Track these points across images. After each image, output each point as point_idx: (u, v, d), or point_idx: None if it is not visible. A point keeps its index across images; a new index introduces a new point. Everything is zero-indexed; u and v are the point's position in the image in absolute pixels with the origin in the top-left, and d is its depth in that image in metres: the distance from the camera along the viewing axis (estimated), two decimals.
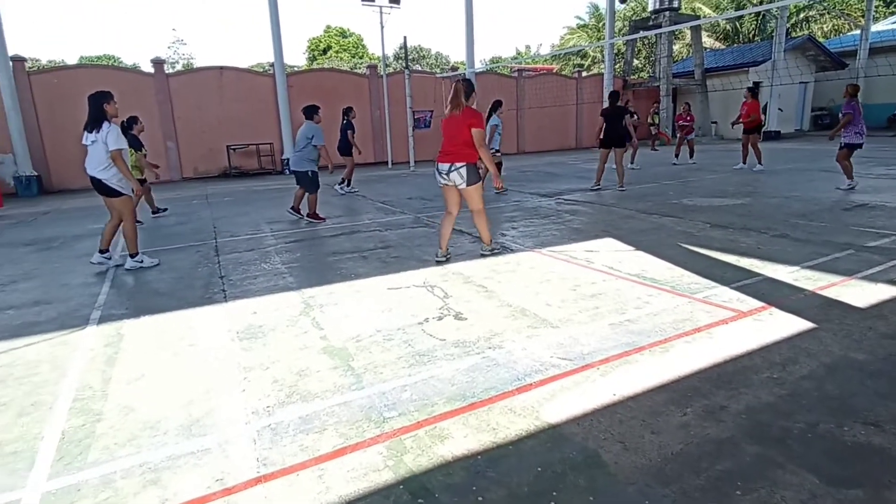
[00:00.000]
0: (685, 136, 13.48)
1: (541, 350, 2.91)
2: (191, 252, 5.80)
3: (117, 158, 4.68)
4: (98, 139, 4.67)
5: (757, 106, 11.01)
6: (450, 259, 4.90)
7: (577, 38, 34.51)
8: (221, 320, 3.63)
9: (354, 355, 2.95)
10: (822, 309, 3.33)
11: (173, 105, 15.55)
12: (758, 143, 10.97)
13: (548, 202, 8.19)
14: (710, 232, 5.60)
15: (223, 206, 9.44)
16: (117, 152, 4.67)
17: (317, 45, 41.14)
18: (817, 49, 23.38)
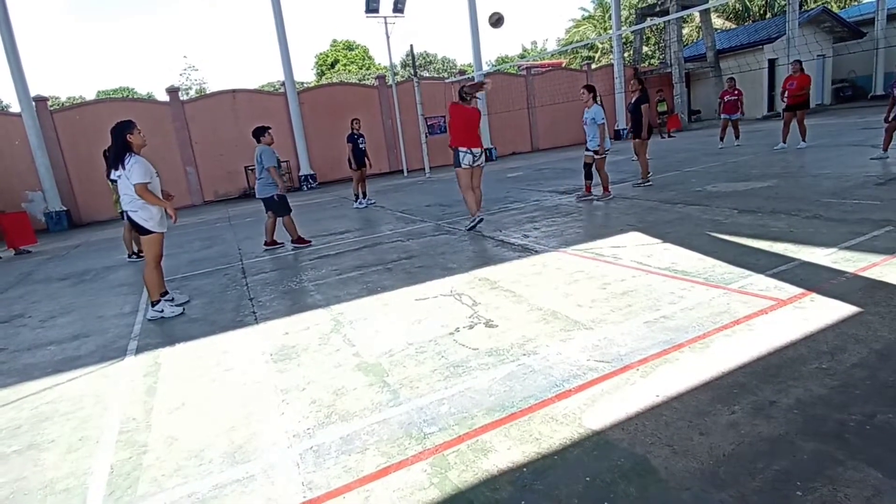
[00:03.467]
0: (730, 115, 12.59)
1: (576, 353, 2.86)
2: (219, 276, 5.89)
3: (143, 192, 4.35)
4: (123, 174, 4.42)
5: (808, 80, 10.50)
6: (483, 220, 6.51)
7: (584, 30, 34.24)
8: (255, 343, 3.66)
9: (389, 371, 2.95)
10: (866, 291, 3.21)
11: (190, 131, 15.89)
12: (804, 119, 10.46)
13: (568, 199, 8.11)
14: (738, 218, 5.47)
15: (246, 227, 9.57)
16: (142, 186, 4.34)
17: (324, 60, 41.59)
18: (833, 20, 22.75)
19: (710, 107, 23.03)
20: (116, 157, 4.44)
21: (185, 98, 18.11)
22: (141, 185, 4.35)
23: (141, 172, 4.35)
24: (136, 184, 4.33)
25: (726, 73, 21.65)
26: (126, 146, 4.44)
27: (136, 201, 4.43)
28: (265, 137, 6.62)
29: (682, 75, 21.52)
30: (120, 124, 4.48)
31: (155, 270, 4.63)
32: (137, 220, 4.50)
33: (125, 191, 4.47)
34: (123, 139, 4.43)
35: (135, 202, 4.45)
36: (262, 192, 6.63)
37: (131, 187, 4.38)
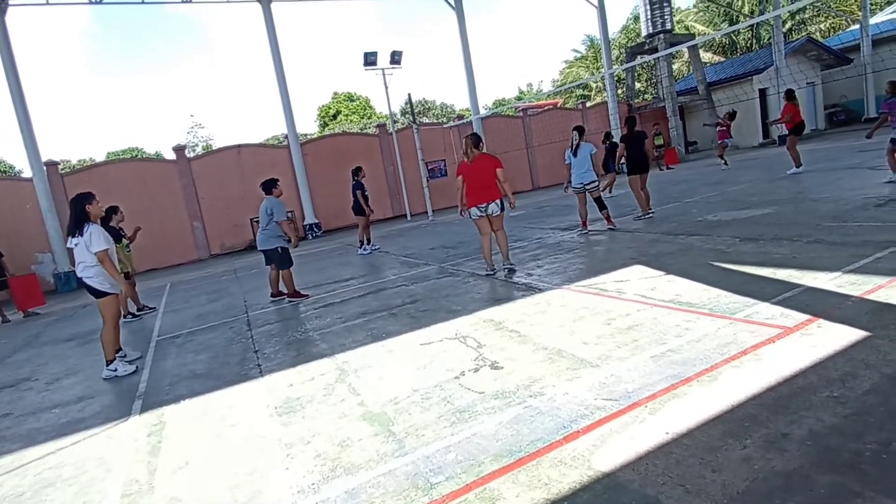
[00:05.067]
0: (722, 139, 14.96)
1: (583, 393, 2.82)
2: (224, 329, 5.90)
3: (104, 259, 4.54)
4: (80, 242, 4.59)
5: (788, 108, 10.91)
6: (496, 272, 6.12)
7: (577, 71, 35.21)
8: (259, 396, 3.63)
9: (394, 419, 2.91)
10: (873, 315, 3.17)
11: (196, 187, 16.24)
12: (794, 145, 10.72)
13: (570, 235, 8.15)
14: (740, 246, 5.46)
15: (252, 279, 9.64)
16: (103, 253, 4.53)
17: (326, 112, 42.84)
18: (819, 48, 23.34)
19: (705, 138, 23.39)
20: (75, 225, 4.66)
21: (192, 155, 18.59)
22: (102, 252, 4.57)
23: (101, 240, 4.59)
24: (97, 251, 4.54)
25: (719, 104, 22.12)
26: (85, 215, 4.68)
27: (91, 267, 4.62)
28: (276, 189, 6.68)
29: (675, 109, 21.95)
30: (79, 195, 4.76)
31: (113, 330, 4.80)
32: (94, 284, 4.68)
33: (81, 258, 4.66)
34: (82, 208, 4.68)
35: (89, 269, 4.63)
36: (265, 244, 6.62)
37: (88, 254, 4.59)
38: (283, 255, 6.62)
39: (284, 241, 6.59)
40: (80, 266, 4.68)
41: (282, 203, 6.65)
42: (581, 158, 7.75)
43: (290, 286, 6.76)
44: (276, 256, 6.63)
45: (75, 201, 4.70)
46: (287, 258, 6.69)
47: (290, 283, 6.76)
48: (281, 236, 6.56)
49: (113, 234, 7.27)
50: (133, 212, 13.90)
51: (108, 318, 4.76)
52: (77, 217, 4.67)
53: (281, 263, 6.68)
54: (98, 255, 4.55)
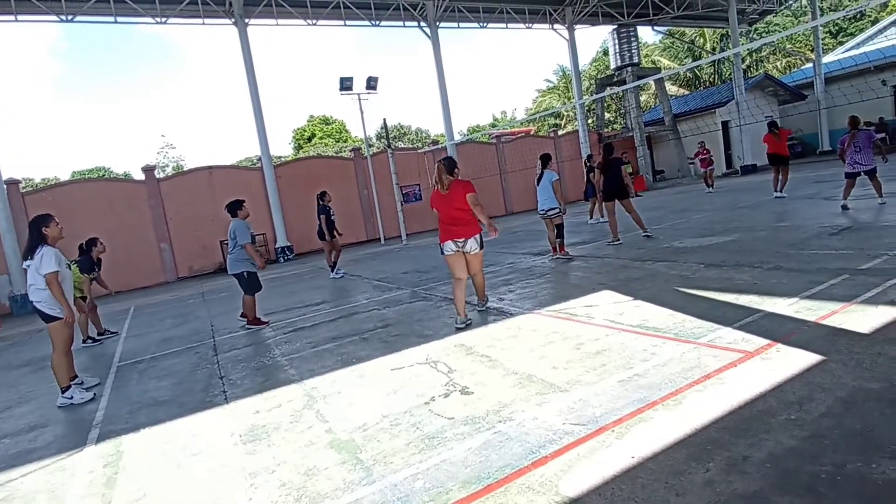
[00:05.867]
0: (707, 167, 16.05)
1: (552, 417, 2.83)
2: (189, 354, 5.73)
3: (52, 282, 4.41)
4: (32, 264, 4.49)
5: (769, 138, 11.60)
6: (470, 324, 5.01)
7: (550, 99, 36.19)
8: (224, 424, 3.53)
9: (362, 446, 2.86)
10: (828, 339, 3.29)
11: (165, 208, 15.94)
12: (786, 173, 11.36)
13: (541, 260, 8.25)
14: (704, 272, 5.63)
15: (220, 303, 9.43)
16: (52, 275, 4.41)
17: (301, 135, 42.81)
18: (775, 85, 24.64)
19: (672, 167, 24.20)
20: (30, 248, 4.55)
21: (162, 176, 18.29)
22: (51, 274, 4.44)
23: (52, 262, 4.46)
24: (45, 273, 4.41)
25: (684, 135, 22.98)
26: (41, 238, 4.57)
27: (41, 291, 4.48)
28: (241, 211, 6.50)
29: (643, 138, 22.72)
30: (37, 217, 4.68)
31: (64, 357, 4.63)
32: (44, 308, 4.53)
33: (32, 280, 4.53)
34: (38, 231, 4.58)
35: (39, 292, 4.49)
36: (234, 268, 6.45)
37: (38, 277, 4.46)
38: (248, 279, 6.43)
39: (251, 266, 6.41)
40: (31, 289, 4.55)
41: (247, 225, 6.45)
42: (542, 186, 7.87)
43: (250, 312, 6.55)
44: (243, 281, 6.43)
45: (33, 223, 4.60)
46: (253, 283, 6.47)
47: (252, 309, 6.55)
48: (247, 260, 6.38)
49: (86, 265, 7.10)
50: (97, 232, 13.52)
51: (58, 343, 4.58)
52: (33, 240, 4.55)
53: (246, 288, 6.47)
54: (46, 278, 4.42)
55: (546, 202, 7.87)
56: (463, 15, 19.91)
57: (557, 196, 7.74)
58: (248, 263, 6.40)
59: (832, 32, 41.82)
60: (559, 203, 7.76)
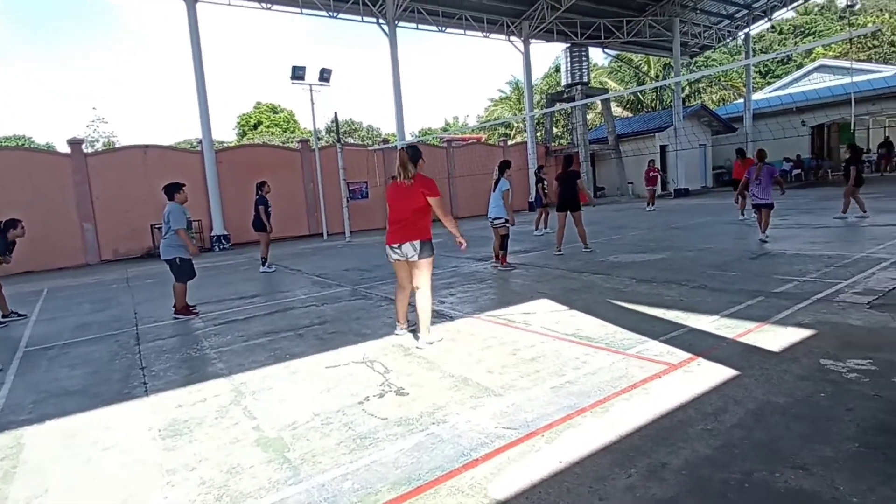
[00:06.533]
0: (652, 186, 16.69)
1: (485, 421, 2.87)
2: (108, 342, 5.37)
3: None
4: None
5: (738, 164, 11.92)
6: (406, 333, 4.64)
7: (501, 110, 36.80)
8: (142, 417, 3.33)
9: (290, 445, 2.78)
10: (743, 356, 3.53)
11: (91, 185, 14.89)
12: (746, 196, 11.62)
13: (483, 266, 8.36)
14: (636, 287, 5.89)
15: (146, 289, 8.91)
16: None
17: (247, 121, 41.27)
18: (710, 115, 26.30)
19: (612, 185, 25.24)
20: None
21: (90, 151, 17.09)
22: None
23: None
24: None
25: (625, 154, 24.04)
26: None
27: None
28: (179, 195, 6.19)
29: (587, 155, 23.54)
30: None
31: None
32: None
33: None
34: None
35: None
36: (166, 253, 6.12)
37: None
38: (181, 266, 6.13)
39: (184, 252, 6.12)
40: None
41: (183, 210, 6.13)
42: (495, 194, 7.95)
43: (179, 300, 6.24)
44: (175, 267, 6.13)
45: None
46: (185, 270, 6.17)
47: (182, 297, 6.24)
48: (181, 245, 6.09)
49: (2, 247, 6.50)
50: (11, 205, 12.44)
51: None
52: None
53: (177, 275, 6.17)
54: None
55: (494, 210, 7.94)
56: (422, 16, 19.92)
57: (506, 206, 7.77)
58: (181, 249, 6.10)
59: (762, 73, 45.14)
60: (506, 214, 7.79)
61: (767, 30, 47.43)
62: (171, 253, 6.10)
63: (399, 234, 4.27)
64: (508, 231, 7.95)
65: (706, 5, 24.54)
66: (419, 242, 4.24)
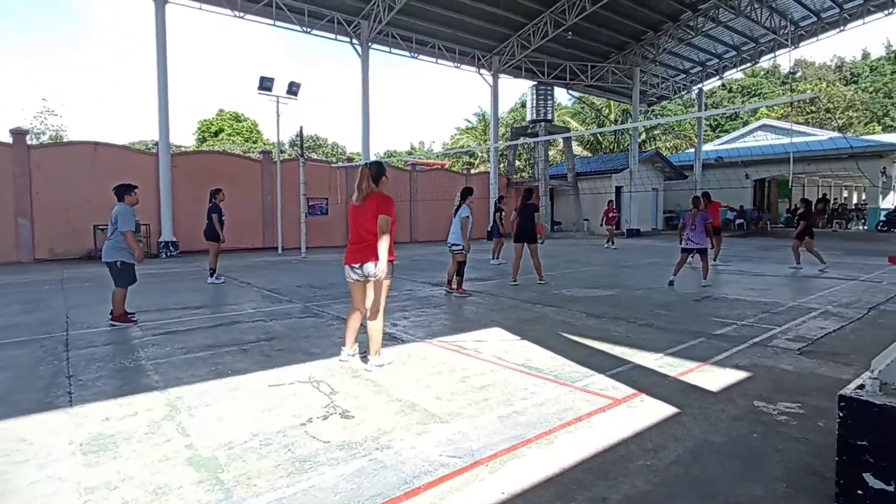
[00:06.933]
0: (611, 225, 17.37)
1: (430, 448, 2.83)
2: (33, 347, 5.02)
3: None
4: None
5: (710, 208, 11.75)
6: (355, 356, 4.47)
7: (467, 139, 37.48)
8: (63, 429, 3.10)
9: (225, 465, 2.65)
10: (683, 394, 3.64)
11: (32, 179, 14.08)
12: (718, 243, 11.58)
13: (439, 291, 8.35)
14: (586, 321, 6.02)
15: (82, 293, 8.42)
16: None
17: (208, 127, 40.34)
18: (663, 161, 27.64)
19: (569, 220, 25.96)
20: None
21: (35, 143, 16.22)
22: None
23: None
24: None
25: (583, 192, 24.85)
26: None
27: None
28: (129, 196, 5.96)
29: (547, 189, 24.20)
30: None
31: None
32: None
33: None
34: None
35: None
36: (108, 256, 5.84)
37: None
38: (121, 270, 5.86)
39: (128, 256, 5.87)
40: None
41: (132, 212, 5.90)
42: (455, 220, 8.02)
43: (117, 307, 5.93)
44: (115, 271, 5.85)
45: None
46: (125, 275, 5.90)
47: (120, 303, 5.93)
48: (125, 249, 5.84)
49: None
50: None
51: None
52: None
53: (117, 279, 5.88)
54: None
55: (453, 236, 7.99)
56: (396, 41, 20.21)
57: (463, 233, 7.84)
58: (124, 253, 5.84)
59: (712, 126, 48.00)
60: (464, 241, 7.83)
61: (719, 87, 50.75)
62: (113, 255, 5.83)
63: (360, 253, 4.15)
64: (465, 258, 8.00)
65: (665, 59, 26.03)
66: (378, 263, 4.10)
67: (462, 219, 7.86)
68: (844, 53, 67.24)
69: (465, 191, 8.13)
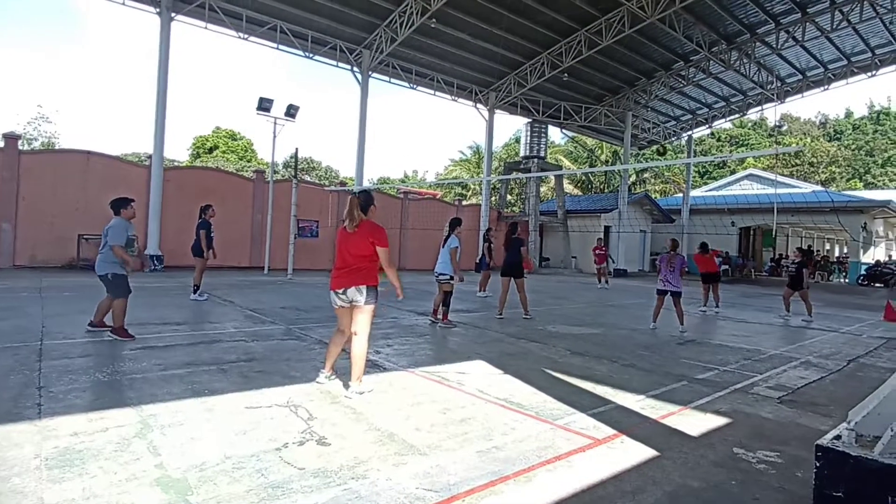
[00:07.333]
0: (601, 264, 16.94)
1: (407, 480, 2.77)
2: (4, 355, 4.88)
3: None
4: None
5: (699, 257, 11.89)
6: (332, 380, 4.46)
7: (460, 170, 37.94)
8: (29, 442, 3.00)
9: (195, 488, 2.57)
10: (664, 437, 3.63)
11: (20, 184, 13.94)
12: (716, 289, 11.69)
13: (424, 320, 8.31)
14: (570, 359, 6.01)
15: (60, 302, 8.25)
16: None
17: (203, 144, 40.42)
18: (652, 204, 28.15)
19: (557, 256, 26.15)
20: None
21: (26, 148, 16.12)
22: None
23: None
24: None
25: (572, 230, 25.12)
26: None
27: None
28: (126, 210, 6.00)
29: (536, 225, 24.46)
30: None
31: None
32: None
33: None
34: None
35: None
36: (100, 269, 5.86)
37: None
38: (113, 282, 5.86)
39: (119, 268, 5.86)
40: None
41: (125, 226, 5.90)
42: (444, 250, 8.06)
43: (117, 320, 5.86)
44: (107, 283, 5.87)
45: None
46: (118, 287, 5.88)
47: (120, 316, 5.87)
48: (115, 262, 5.84)
49: None
50: None
51: None
52: None
53: (113, 292, 5.88)
54: None
55: (441, 266, 8.01)
56: (396, 72, 20.63)
57: (453, 263, 7.87)
58: (115, 265, 5.86)
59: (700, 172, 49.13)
60: (452, 271, 7.85)
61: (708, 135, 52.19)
62: (104, 268, 5.86)
63: (345, 278, 4.20)
64: (452, 288, 8.00)
65: (656, 105, 26.80)
66: (365, 287, 4.19)
67: (451, 249, 7.90)
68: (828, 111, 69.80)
69: (454, 221, 8.19)
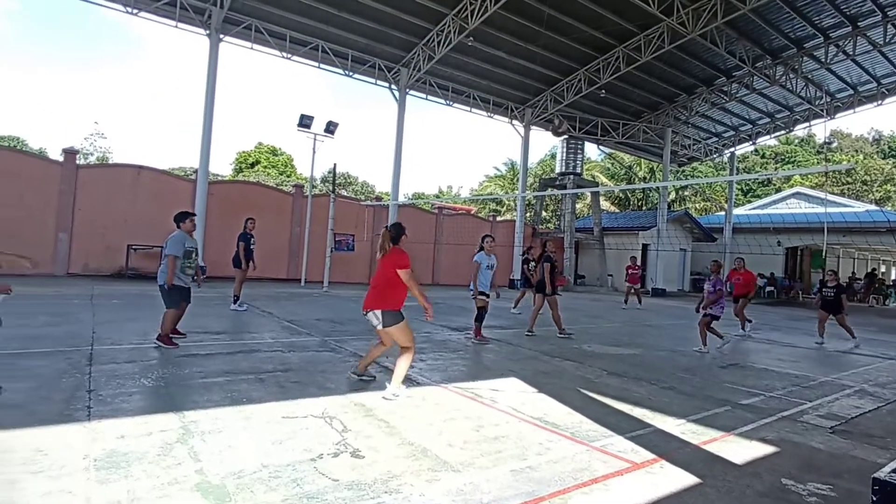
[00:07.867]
0: (633, 284, 15.75)
1: (440, 497, 2.75)
2: (58, 358, 5.12)
3: None
4: None
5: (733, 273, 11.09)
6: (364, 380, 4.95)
7: (494, 186, 37.98)
8: (80, 443, 3.13)
9: (233, 494, 2.62)
10: (706, 464, 3.49)
11: (77, 197, 14.72)
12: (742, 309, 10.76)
13: (457, 336, 8.29)
14: (606, 379, 5.88)
15: (110, 310, 8.62)
16: None
17: (245, 159, 41.79)
18: (692, 223, 27.41)
19: (592, 274, 25.72)
20: None
21: (83, 163, 17.05)
22: None
23: None
24: None
25: (608, 247, 24.69)
26: None
27: None
28: (185, 224, 6.30)
29: (572, 242, 24.17)
30: None
31: None
32: None
33: None
34: None
35: None
36: (159, 279, 6.17)
37: None
38: (165, 292, 6.10)
39: (175, 279, 6.09)
40: None
41: (182, 239, 6.16)
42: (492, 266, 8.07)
43: (164, 327, 6.07)
44: (161, 292, 6.15)
45: None
46: (170, 297, 6.09)
47: (168, 324, 6.09)
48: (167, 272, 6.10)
49: None
50: None
51: None
52: None
53: (164, 300, 6.12)
54: None
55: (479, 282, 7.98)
56: (433, 89, 20.91)
57: (472, 278, 7.89)
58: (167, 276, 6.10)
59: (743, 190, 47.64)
60: (473, 286, 7.85)
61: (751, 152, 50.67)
62: (160, 279, 6.16)
63: (370, 299, 4.65)
64: (486, 304, 7.96)
65: (697, 121, 26.23)
66: (381, 312, 4.58)
67: (473, 263, 7.94)
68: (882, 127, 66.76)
69: (483, 237, 8.20)
